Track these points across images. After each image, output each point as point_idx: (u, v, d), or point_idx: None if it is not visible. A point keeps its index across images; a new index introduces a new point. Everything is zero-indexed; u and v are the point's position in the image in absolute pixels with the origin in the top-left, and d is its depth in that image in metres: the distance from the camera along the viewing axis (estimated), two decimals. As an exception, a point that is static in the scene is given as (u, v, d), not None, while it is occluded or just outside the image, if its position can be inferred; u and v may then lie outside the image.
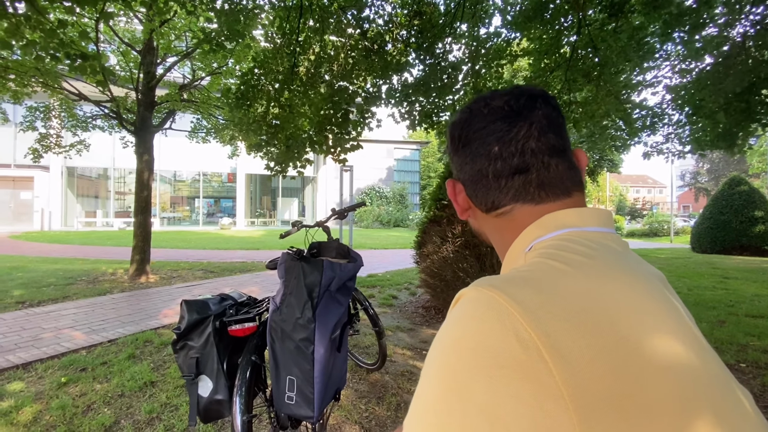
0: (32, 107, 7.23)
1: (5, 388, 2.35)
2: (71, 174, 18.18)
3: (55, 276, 5.80)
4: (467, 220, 0.56)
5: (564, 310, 0.33)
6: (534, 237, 0.45)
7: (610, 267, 0.38)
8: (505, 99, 0.47)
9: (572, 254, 0.39)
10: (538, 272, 0.37)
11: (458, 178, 0.53)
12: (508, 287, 0.35)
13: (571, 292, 0.35)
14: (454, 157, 0.52)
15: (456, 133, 0.51)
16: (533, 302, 0.33)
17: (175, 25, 6.23)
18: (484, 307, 0.33)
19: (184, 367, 1.28)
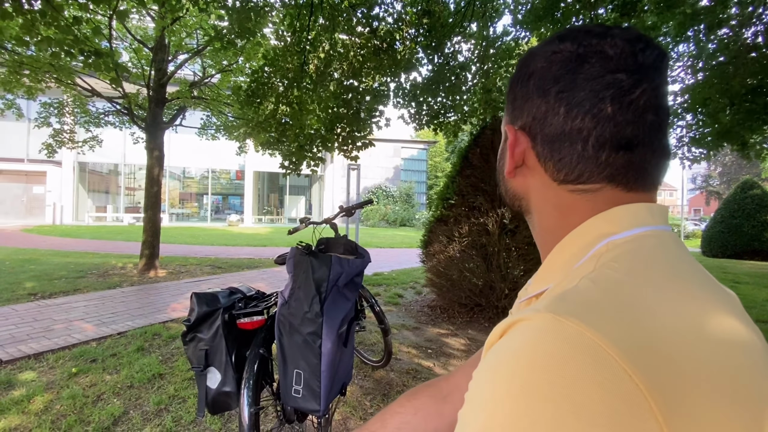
0: (46, 103, 7.36)
1: (17, 377, 2.40)
2: (83, 169, 18.46)
3: (66, 269, 5.90)
4: (501, 181, 0.47)
5: (678, 356, 0.26)
6: (604, 233, 0.36)
7: (703, 287, 0.32)
8: (634, 45, 0.37)
9: (663, 271, 0.32)
10: (632, 296, 0.29)
11: (526, 128, 0.41)
12: (600, 320, 0.26)
13: (677, 329, 0.27)
14: (534, 98, 0.40)
15: (553, 70, 0.39)
16: (637, 343, 0.25)
17: (186, 23, 6.29)
18: (569, 346, 0.25)
19: (194, 359, 1.29)
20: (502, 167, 0.47)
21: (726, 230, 10.85)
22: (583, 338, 0.25)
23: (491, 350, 0.30)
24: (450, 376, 0.61)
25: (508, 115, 0.45)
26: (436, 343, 3.27)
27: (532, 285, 0.43)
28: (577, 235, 0.38)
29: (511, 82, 0.45)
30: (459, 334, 3.51)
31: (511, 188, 0.46)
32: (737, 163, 32.39)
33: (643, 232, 0.35)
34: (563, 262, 0.38)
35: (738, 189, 11.15)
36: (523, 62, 0.43)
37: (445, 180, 4.32)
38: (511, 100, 0.44)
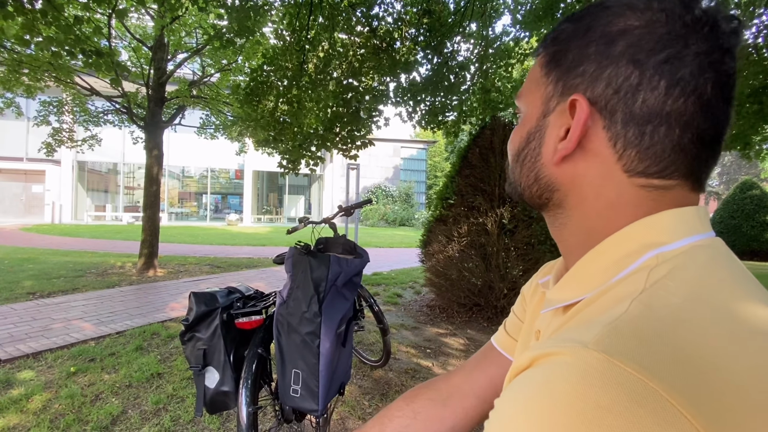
0: (45, 102, 7.35)
1: (16, 376, 2.40)
2: (82, 168, 18.43)
3: (65, 268, 5.90)
4: (527, 168, 0.39)
5: (758, 405, 0.22)
6: (652, 243, 0.31)
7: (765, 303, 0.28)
8: (732, 22, 0.31)
9: (724, 291, 0.27)
10: (697, 329, 0.24)
11: (600, 101, 0.32)
12: (664, 366, 0.22)
13: (752, 371, 0.23)
14: (620, 65, 0.32)
15: (658, 32, 0.31)
16: (712, 396, 0.21)
17: (185, 22, 6.29)
18: (628, 398, 0.21)
19: (192, 358, 1.29)
20: (533, 150, 0.37)
21: (725, 231, 10.87)
22: (647, 390, 0.21)
23: (520, 380, 0.25)
24: (449, 376, 0.59)
25: (560, 79, 0.35)
26: (435, 342, 3.27)
27: (559, 289, 0.37)
28: (619, 240, 0.33)
29: (570, 38, 0.35)
30: (458, 333, 3.52)
31: (546, 177, 0.37)
32: (736, 164, 32.44)
33: (695, 242, 0.31)
34: (601, 271, 0.33)
35: (737, 189, 11.17)
36: (597, 16, 0.34)
37: (445, 180, 4.32)
38: (569, 60, 0.34)
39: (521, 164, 0.40)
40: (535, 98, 0.38)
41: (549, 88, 0.36)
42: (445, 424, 0.54)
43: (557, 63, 0.36)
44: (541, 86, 0.37)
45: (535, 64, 0.40)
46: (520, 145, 0.40)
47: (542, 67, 0.37)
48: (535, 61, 0.40)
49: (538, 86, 0.38)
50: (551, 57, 0.37)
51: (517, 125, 0.41)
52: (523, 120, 0.40)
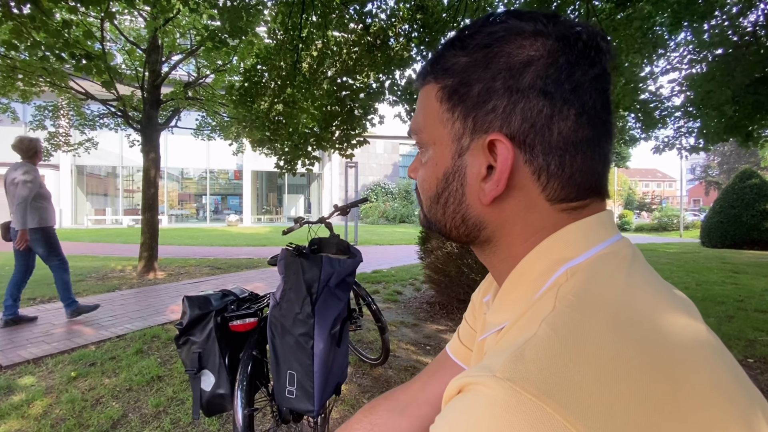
0: (41, 107, 7.33)
1: (17, 382, 2.41)
2: (80, 172, 18.43)
3: (65, 273, 5.90)
4: (447, 210, 0.38)
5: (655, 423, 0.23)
6: (561, 258, 0.33)
7: (668, 309, 0.29)
8: (588, 31, 0.33)
9: (626, 301, 0.29)
10: (596, 348, 0.25)
11: (517, 136, 0.33)
12: (561, 389, 0.23)
13: (646, 392, 0.24)
14: (530, 98, 0.32)
15: (560, 62, 0.32)
16: (605, 415, 0.22)
17: (179, 23, 6.26)
18: (529, 425, 0.22)
19: (187, 362, 1.30)
20: (456, 192, 0.37)
21: (725, 220, 10.86)
22: (545, 415, 0.22)
23: (446, 408, 0.27)
24: (408, 386, 0.60)
25: (469, 116, 0.34)
26: (435, 339, 3.27)
27: (493, 312, 0.39)
28: (534, 259, 0.34)
29: (468, 71, 0.34)
30: (457, 329, 3.52)
31: (474, 217, 0.37)
32: (736, 153, 32.37)
33: (600, 252, 0.33)
34: (522, 292, 0.35)
35: (736, 179, 11.15)
36: (492, 46, 0.33)
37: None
38: (475, 95, 0.34)
39: (443, 206, 0.38)
40: (441, 135, 0.37)
41: (457, 125, 0.35)
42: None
43: (461, 98, 0.35)
44: (445, 122, 0.36)
45: (427, 97, 0.37)
46: (439, 188, 0.38)
47: (442, 102, 0.36)
48: (422, 91, 0.38)
49: (440, 122, 0.36)
50: (452, 91, 0.35)
51: (426, 163, 0.39)
52: (434, 159, 0.38)
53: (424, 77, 0.39)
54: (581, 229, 0.34)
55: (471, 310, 0.58)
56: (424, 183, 0.40)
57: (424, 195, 0.41)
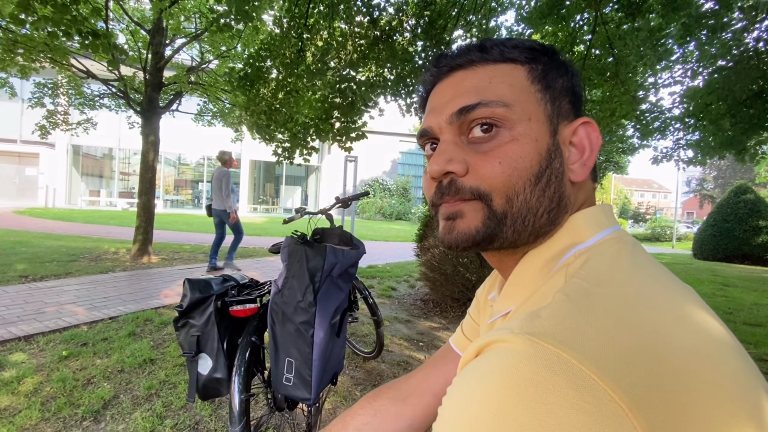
0: (40, 83, 7.22)
1: (7, 358, 2.39)
2: (76, 152, 18.20)
3: (58, 252, 5.85)
4: (547, 185, 0.37)
5: (661, 367, 0.24)
6: (571, 243, 0.36)
7: (669, 286, 0.31)
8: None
9: (633, 276, 0.31)
10: (607, 308, 0.27)
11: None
12: (576, 339, 0.25)
13: (656, 338, 0.26)
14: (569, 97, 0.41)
15: (573, 82, 0.41)
16: (616, 360, 0.24)
17: (185, 6, 6.18)
18: (547, 369, 0.24)
19: (185, 345, 1.29)
20: (557, 170, 0.37)
21: (717, 234, 10.98)
22: (561, 360, 0.24)
23: (466, 368, 0.28)
24: (410, 376, 0.62)
25: (556, 101, 0.39)
26: (428, 336, 3.29)
27: (501, 300, 0.40)
28: (545, 247, 0.38)
29: (551, 65, 0.40)
30: (451, 328, 3.54)
31: (566, 197, 0.38)
32: (732, 168, 32.67)
33: (605, 237, 0.36)
34: (530, 277, 0.37)
35: (731, 193, 11.26)
36: (540, 54, 0.40)
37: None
38: (558, 88, 0.39)
39: (544, 187, 0.37)
40: (536, 112, 0.38)
41: (548, 107, 0.38)
42: (404, 420, 0.56)
43: (549, 84, 0.39)
44: (539, 101, 0.38)
45: (510, 75, 0.38)
46: (542, 165, 0.37)
47: (533, 83, 0.38)
48: (498, 68, 0.38)
49: (535, 100, 0.38)
50: (542, 76, 0.39)
51: (517, 140, 0.36)
52: (531, 135, 0.37)
53: (501, 54, 0.39)
54: (587, 217, 0.38)
55: (475, 306, 0.60)
56: (519, 161, 0.36)
57: (515, 178, 0.36)
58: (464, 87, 0.38)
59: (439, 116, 0.39)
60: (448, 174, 0.38)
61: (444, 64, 0.41)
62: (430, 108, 0.42)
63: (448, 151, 0.38)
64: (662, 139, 5.73)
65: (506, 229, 0.37)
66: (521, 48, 0.39)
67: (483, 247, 0.38)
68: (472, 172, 0.37)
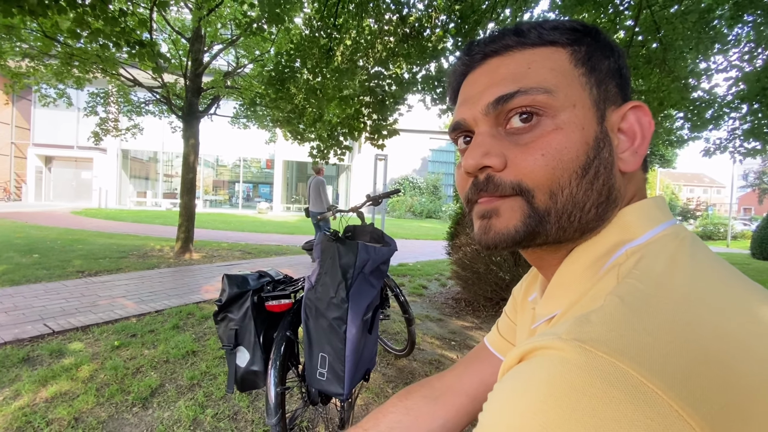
0: (93, 93, 7.77)
1: (67, 347, 2.59)
2: (125, 156, 19.47)
3: (110, 249, 6.28)
4: (595, 176, 0.34)
5: (732, 378, 0.22)
6: (620, 241, 0.33)
7: (734, 286, 0.28)
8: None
9: (693, 276, 0.28)
10: (666, 312, 0.25)
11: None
12: (634, 348, 0.22)
13: (723, 347, 0.23)
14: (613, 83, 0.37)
15: (620, 63, 0.38)
16: (682, 372, 0.22)
17: (221, 13, 6.43)
18: (602, 380, 0.21)
19: (224, 338, 1.35)
20: (606, 160, 0.34)
21: (780, 231, 10.08)
22: (618, 370, 0.21)
23: (509, 374, 0.26)
24: (443, 375, 0.60)
25: (602, 85, 0.36)
26: (460, 335, 3.25)
27: (544, 303, 0.38)
28: (591, 244, 0.35)
29: (595, 46, 0.37)
30: (484, 327, 3.47)
31: (616, 189, 0.35)
32: (796, 159, 29.79)
33: (660, 233, 0.33)
34: (575, 278, 0.34)
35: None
36: (587, 35, 0.37)
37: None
38: (604, 71, 0.36)
39: (593, 179, 0.34)
40: (582, 97, 0.35)
41: (594, 91, 0.35)
42: (436, 420, 0.55)
43: (594, 67, 0.36)
44: (584, 85, 0.35)
45: (551, 58, 0.35)
46: (589, 155, 0.34)
47: (577, 66, 0.35)
48: (539, 52, 0.35)
49: (579, 85, 0.35)
50: (586, 58, 0.36)
51: (562, 129, 0.33)
52: (577, 122, 0.34)
53: (540, 37, 0.36)
54: (638, 212, 0.35)
55: (512, 304, 0.58)
56: (564, 152, 0.33)
57: (559, 171, 0.33)
58: (500, 74, 0.36)
59: (474, 107, 0.37)
60: (485, 169, 0.35)
61: (477, 51, 0.38)
62: (462, 99, 0.39)
63: (484, 143, 0.35)
64: (715, 129, 5.33)
65: (549, 227, 0.34)
66: (562, 29, 0.36)
67: (523, 246, 0.36)
68: (511, 165, 0.34)
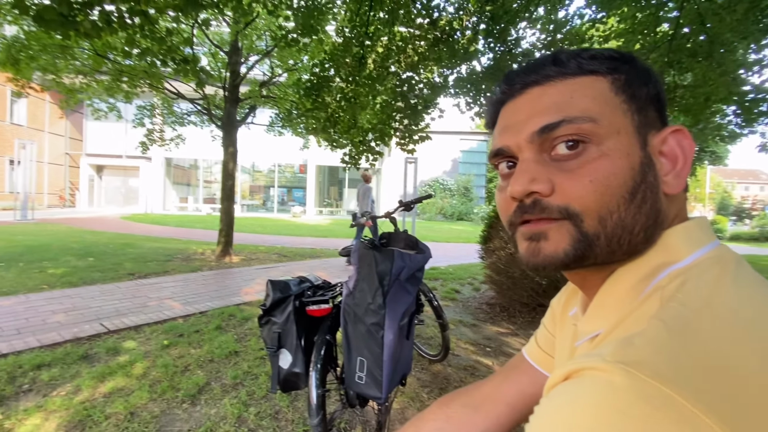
0: (141, 106, 8.31)
1: (122, 345, 2.79)
2: (168, 164, 20.64)
3: (156, 253, 6.68)
4: (642, 200, 0.35)
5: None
6: (663, 263, 0.34)
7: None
8: None
9: (737, 300, 0.28)
10: (709, 339, 0.25)
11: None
12: (678, 372, 0.23)
13: (758, 370, 0.24)
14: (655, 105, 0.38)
15: (658, 88, 0.39)
16: (724, 397, 0.22)
17: (256, 26, 6.71)
18: (646, 403, 0.22)
19: (268, 340, 1.42)
20: (651, 184, 0.35)
21: None
22: (661, 393, 0.22)
23: (555, 391, 0.27)
24: (482, 384, 0.61)
25: (642, 112, 0.37)
26: (496, 341, 3.20)
27: (587, 321, 0.39)
28: (634, 266, 0.35)
29: (633, 79, 0.37)
30: (520, 334, 3.40)
31: (662, 212, 0.36)
32: None
33: (704, 256, 0.33)
34: (618, 298, 0.35)
35: None
36: (648, 68, 0.39)
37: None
38: (643, 98, 0.37)
39: (639, 204, 0.35)
40: (624, 124, 0.36)
41: (635, 117, 0.36)
42: (477, 428, 0.55)
43: (634, 94, 0.37)
44: (625, 112, 0.36)
45: (592, 87, 0.36)
46: (636, 180, 0.34)
47: (617, 94, 0.36)
48: (579, 81, 0.36)
49: (621, 112, 0.36)
50: (626, 85, 0.37)
51: (607, 155, 0.34)
52: (621, 149, 0.35)
53: (579, 66, 0.37)
54: (682, 233, 0.35)
55: (550, 316, 0.58)
56: (612, 178, 0.34)
57: (608, 196, 0.34)
58: (543, 104, 0.37)
59: (518, 135, 0.38)
60: (532, 194, 0.36)
61: (517, 81, 0.39)
62: (503, 126, 0.40)
63: (530, 170, 0.36)
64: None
65: (599, 250, 0.35)
66: (601, 58, 0.37)
67: (572, 267, 0.37)
68: (558, 191, 0.35)
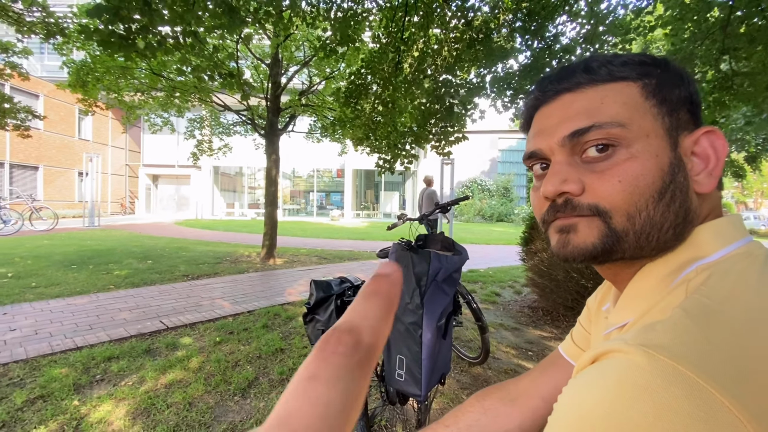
0: (191, 119, 8.91)
1: (179, 341, 3.02)
2: (216, 172, 21.88)
3: (207, 256, 7.12)
4: (671, 200, 0.36)
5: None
6: (692, 258, 0.35)
7: None
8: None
9: (761, 295, 0.29)
10: (728, 327, 0.27)
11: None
12: (693, 353, 0.25)
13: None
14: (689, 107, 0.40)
15: (691, 90, 0.40)
16: (735, 375, 0.24)
17: (294, 37, 6.99)
18: (663, 380, 0.24)
19: (312, 338, 1.50)
20: (681, 184, 0.37)
21: None
22: (677, 372, 0.24)
23: (581, 373, 0.29)
24: (519, 379, 0.63)
25: (673, 114, 0.38)
26: (538, 345, 3.11)
27: (616, 312, 0.41)
28: (664, 260, 0.37)
29: (666, 76, 0.39)
30: (564, 338, 3.28)
31: (692, 211, 0.37)
32: None
33: (732, 251, 0.34)
34: (648, 290, 0.37)
35: None
36: (657, 66, 0.40)
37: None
38: (674, 102, 0.38)
39: (668, 202, 0.36)
40: (654, 127, 0.37)
41: (666, 120, 0.38)
42: (513, 421, 0.57)
43: (665, 97, 0.38)
44: (656, 116, 0.38)
45: (622, 93, 0.38)
46: (665, 180, 0.36)
47: (647, 98, 0.38)
48: (610, 87, 0.38)
49: (651, 116, 0.37)
50: (656, 90, 0.38)
51: (637, 157, 0.36)
52: (651, 151, 0.36)
53: (610, 74, 0.39)
54: (713, 229, 0.36)
55: (586, 314, 0.60)
56: (640, 179, 0.36)
57: (636, 195, 0.36)
58: (574, 109, 0.39)
59: (550, 139, 0.40)
60: (564, 194, 0.39)
61: (550, 88, 0.41)
62: (537, 130, 0.42)
63: (562, 171, 0.39)
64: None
65: (627, 246, 0.37)
66: (631, 64, 0.39)
67: (600, 261, 0.39)
68: (589, 190, 0.38)
